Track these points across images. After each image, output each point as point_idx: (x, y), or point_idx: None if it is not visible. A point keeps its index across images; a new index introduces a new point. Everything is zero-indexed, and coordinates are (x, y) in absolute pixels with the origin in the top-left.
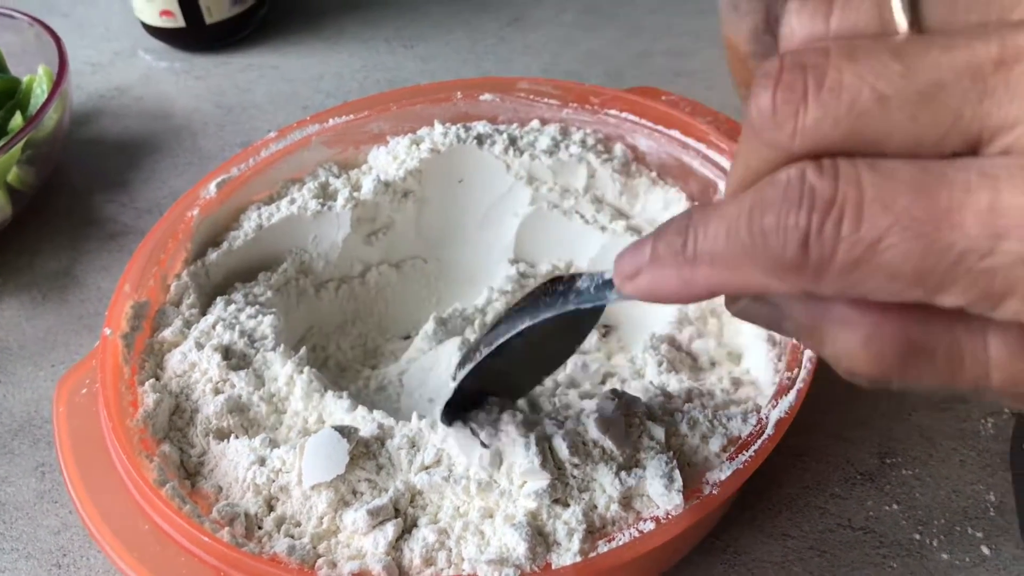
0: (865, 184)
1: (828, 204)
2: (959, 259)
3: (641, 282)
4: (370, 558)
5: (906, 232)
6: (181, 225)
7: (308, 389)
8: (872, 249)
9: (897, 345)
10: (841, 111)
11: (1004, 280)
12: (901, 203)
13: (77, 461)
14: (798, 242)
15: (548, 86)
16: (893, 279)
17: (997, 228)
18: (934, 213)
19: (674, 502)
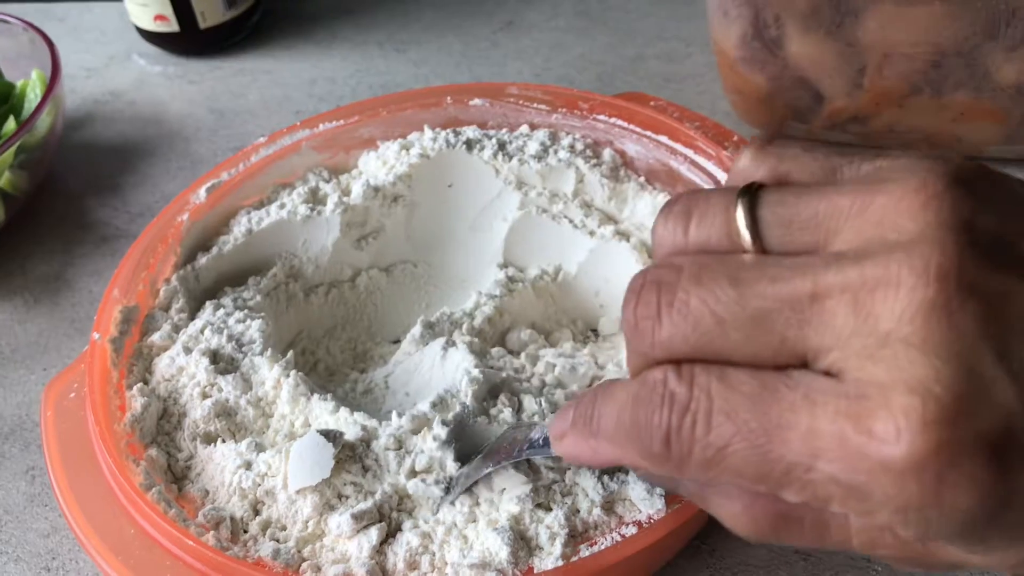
0: (714, 394)
1: (684, 409)
2: (788, 469)
3: (565, 445)
4: (354, 562)
5: (745, 442)
6: (171, 230)
7: (294, 393)
8: (721, 452)
9: (769, 516)
10: (688, 330)
11: (824, 491)
12: (742, 416)
13: (64, 465)
14: (662, 439)
15: (538, 91)
16: (740, 477)
17: (814, 449)
18: (767, 428)
19: (656, 506)
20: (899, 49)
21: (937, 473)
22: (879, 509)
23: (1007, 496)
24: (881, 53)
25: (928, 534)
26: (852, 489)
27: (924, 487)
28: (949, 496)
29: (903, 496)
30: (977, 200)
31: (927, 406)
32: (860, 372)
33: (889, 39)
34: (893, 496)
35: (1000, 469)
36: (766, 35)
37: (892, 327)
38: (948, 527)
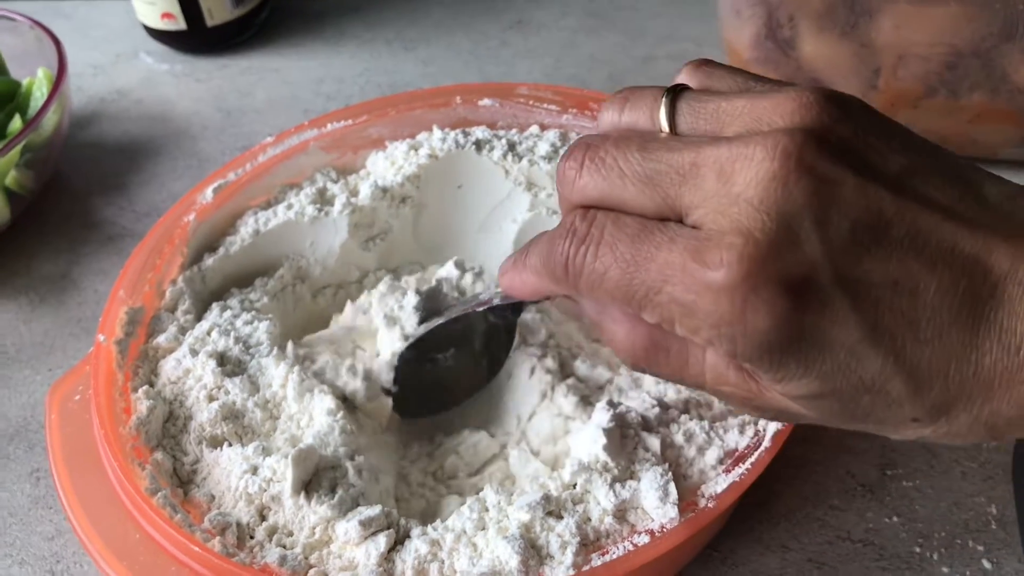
0: (606, 231)
1: (582, 239)
2: (645, 292)
3: (503, 281)
4: (362, 569)
5: (619, 269)
6: (177, 230)
7: (300, 389)
8: (601, 277)
9: (644, 340)
10: (600, 180)
11: (668, 311)
12: (620, 249)
13: (69, 468)
14: (563, 265)
15: (548, 92)
16: (614, 298)
17: (664, 276)
18: (636, 259)
19: (669, 515)
20: (914, 50)
21: (744, 295)
22: (702, 325)
23: (799, 329)
24: (896, 54)
25: (736, 351)
26: (685, 307)
27: (733, 306)
28: (751, 316)
29: (717, 312)
30: (842, 114)
31: (747, 246)
32: (713, 224)
33: (904, 40)
34: (711, 312)
35: (795, 304)
36: (779, 35)
37: (741, 191)
38: (750, 345)
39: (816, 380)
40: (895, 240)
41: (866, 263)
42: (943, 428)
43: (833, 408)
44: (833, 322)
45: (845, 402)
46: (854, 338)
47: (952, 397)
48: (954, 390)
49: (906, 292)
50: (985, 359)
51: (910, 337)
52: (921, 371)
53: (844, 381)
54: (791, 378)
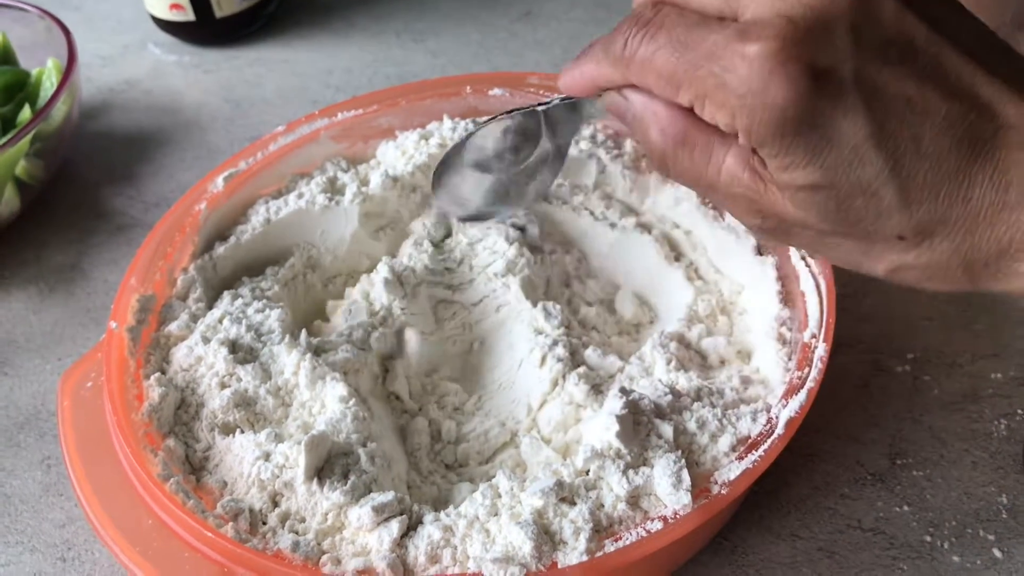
0: (669, 18)
1: (645, 23)
2: (687, 67)
3: (564, 77)
4: (375, 555)
5: (671, 48)
6: (188, 219)
7: (312, 376)
8: (652, 53)
9: (676, 132)
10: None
11: (703, 84)
12: (677, 32)
13: (81, 455)
14: (622, 43)
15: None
16: (659, 77)
17: (709, 55)
18: (688, 41)
19: (682, 502)
20: None
21: (771, 67)
22: (730, 96)
23: (812, 111)
24: None
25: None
26: (719, 80)
27: (761, 75)
28: (774, 87)
29: (746, 82)
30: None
31: (785, 27)
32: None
33: None
34: (741, 81)
35: (814, 87)
36: None
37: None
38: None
39: (819, 170)
40: (919, 67)
41: (886, 74)
42: (924, 255)
43: (828, 206)
44: (844, 115)
45: (840, 200)
46: (860, 135)
47: (938, 219)
48: (941, 212)
49: (917, 110)
50: (975, 190)
51: (911, 149)
52: (915, 184)
53: (844, 177)
54: (796, 165)
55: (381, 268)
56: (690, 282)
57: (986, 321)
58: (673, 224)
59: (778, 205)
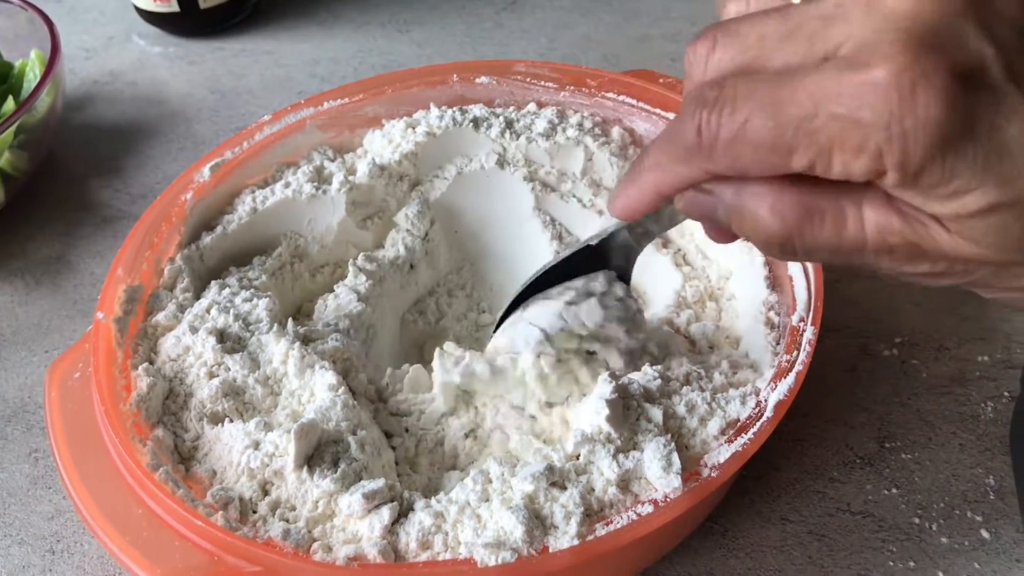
0: (740, 87)
1: (714, 101)
2: (797, 125)
3: (617, 202)
4: (366, 542)
5: (762, 112)
6: (175, 208)
7: (301, 365)
8: (743, 127)
9: (795, 208)
10: (735, 51)
11: (826, 135)
12: (760, 94)
13: (69, 446)
14: (694, 131)
15: (545, 69)
16: (758, 149)
17: (818, 98)
18: (780, 96)
19: (672, 484)
20: None
21: (912, 81)
22: (870, 134)
23: (970, 120)
24: None
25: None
26: (847, 121)
27: (902, 94)
28: (922, 101)
29: (886, 108)
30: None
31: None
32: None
33: None
34: (879, 112)
35: (965, 92)
36: None
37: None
38: (925, 138)
39: (993, 187)
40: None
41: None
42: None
43: (1012, 229)
44: (1008, 118)
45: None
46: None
47: None
48: None
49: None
50: None
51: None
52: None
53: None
54: (965, 188)
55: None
56: (678, 268)
57: (972, 305)
58: None
59: (945, 244)
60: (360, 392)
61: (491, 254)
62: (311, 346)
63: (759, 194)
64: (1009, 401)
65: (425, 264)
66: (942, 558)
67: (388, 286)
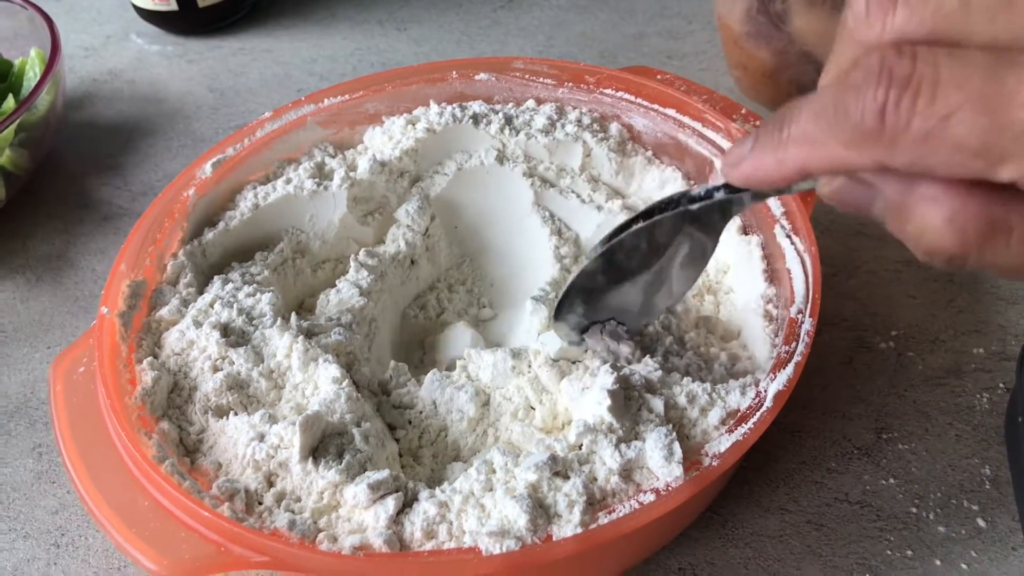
0: (942, 66)
1: (906, 80)
2: (1017, 136)
3: (744, 168)
4: (371, 532)
5: (974, 109)
6: (177, 205)
7: (305, 358)
8: (944, 122)
9: (979, 222)
10: (927, 13)
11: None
12: (974, 84)
13: (75, 439)
14: (875, 113)
15: (544, 66)
16: (959, 151)
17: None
18: (1002, 93)
19: (674, 473)
20: None
21: None
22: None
23: None
24: None
25: None
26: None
27: None
28: None
29: None
30: None
31: None
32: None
33: None
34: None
35: None
36: (771, 9)
37: None
38: None
39: None
40: None
41: None
42: None
43: None
44: None
45: None
46: None
47: None
48: None
49: None
50: None
51: None
52: None
53: None
54: None
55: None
56: None
57: (967, 298)
58: None
59: None
60: (363, 385)
61: (491, 249)
62: (314, 340)
63: (935, 199)
64: (1004, 392)
65: (426, 259)
66: (939, 547)
67: (389, 281)
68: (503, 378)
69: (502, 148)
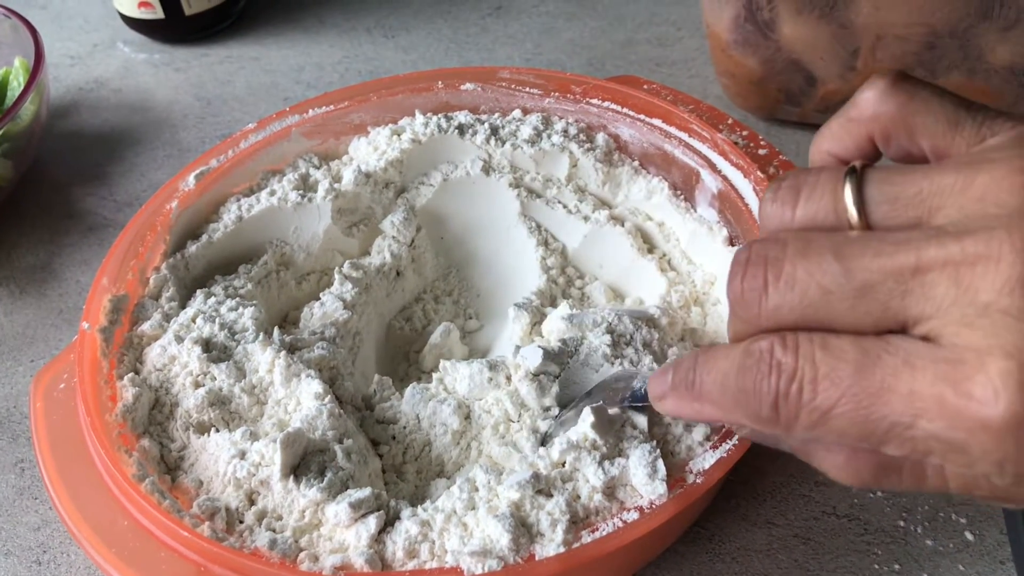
0: (818, 362)
1: (791, 376)
2: (890, 428)
3: (667, 406)
4: (353, 551)
5: (850, 405)
6: (160, 217)
7: (287, 374)
8: (826, 415)
9: (870, 466)
10: (795, 301)
11: (924, 445)
12: (846, 381)
13: (55, 456)
14: (770, 405)
15: (530, 75)
16: (844, 436)
17: (915, 410)
18: (870, 391)
19: (658, 491)
20: (893, 30)
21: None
22: (977, 462)
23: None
24: (875, 35)
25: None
26: (952, 445)
27: (1020, 443)
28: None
29: (1000, 451)
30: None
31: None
32: (957, 338)
33: (883, 20)
34: (991, 451)
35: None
36: (759, 17)
37: (991, 299)
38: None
39: None
40: None
41: None
42: None
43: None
44: None
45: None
46: None
47: None
48: None
49: None
50: None
51: None
52: None
53: None
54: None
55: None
56: (663, 273)
57: None
58: (646, 216)
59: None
60: (346, 400)
61: (477, 260)
62: (297, 355)
63: (831, 449)
64: None
65: (411, 271)
66: (927, 560)
67: (374, 293)
68: (480, 390)
69: (488, 158)
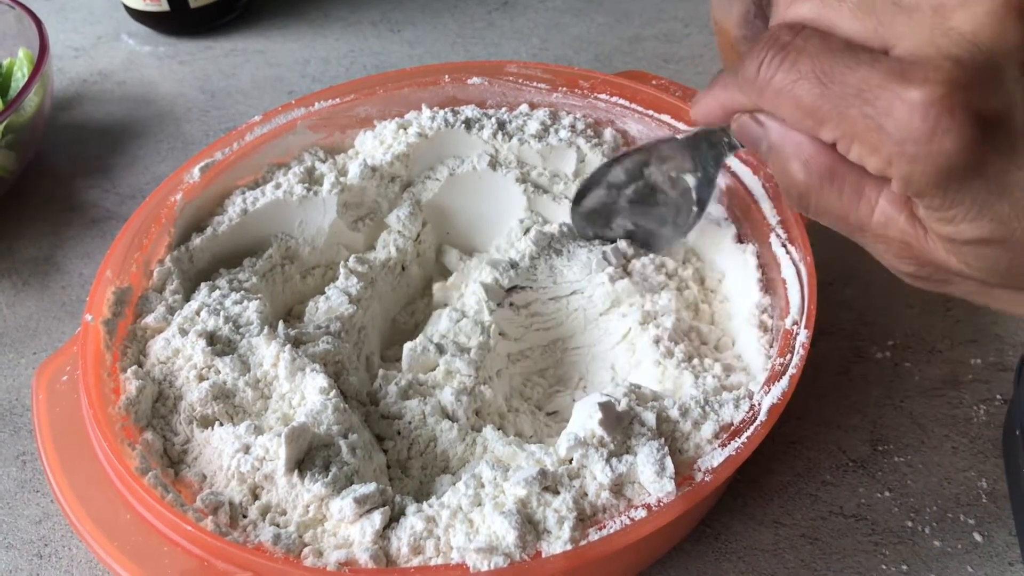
0: (810, 43)
1: (782, 47)
2: (834, 104)
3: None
4: (357, 547)
5: (813, 77)
6: (164, 210)
7: (292, 368)
8: (793, 82)
9: (822, 168)
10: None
11: (853, 125)
12: (821, 60)
13: (57, 449)
14: (756, 67)
15: (537, 70)
16: (797, 108)
17: (861, 90)
18: (834, 71)
19: (666, 489)
20: None
21: (938, 114)
22: (886, 142)
23: (982, 161)
24: None
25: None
26: (873, 122)
27: (925, 122)
28: (939, 135)
29: (908, 127)
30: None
31: (954, 69)
32: (919, 51)
33: None
34: (900, 127)
35: (984, 136)
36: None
37: (956, 24)
38: (931, 167)
39: (988, 223)
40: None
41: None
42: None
43: (999, 261)
44: (1020, 165)
45: (1015, 255)
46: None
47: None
48: None
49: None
50: None
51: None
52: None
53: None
54: (962, 218)
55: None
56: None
57: (964, 308)
58: None
59: (938, 255)
60: (351, 395)
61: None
62: (302, 349)
63: (799, 144)
64: (1001, 404)
65: (416, 266)
66: (935, 561)
67: (379, 288)
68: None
69: (495, 153)
